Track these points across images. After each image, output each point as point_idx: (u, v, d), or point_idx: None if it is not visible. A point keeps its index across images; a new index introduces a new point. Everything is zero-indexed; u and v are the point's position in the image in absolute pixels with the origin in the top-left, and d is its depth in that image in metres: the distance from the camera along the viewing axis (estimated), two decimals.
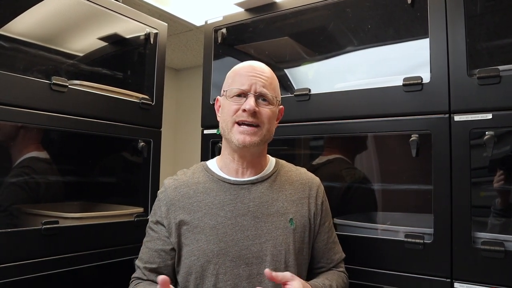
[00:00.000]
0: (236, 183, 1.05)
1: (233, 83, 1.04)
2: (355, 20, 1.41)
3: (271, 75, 1.08)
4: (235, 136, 1.01)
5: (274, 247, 1.00)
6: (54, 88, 1.28)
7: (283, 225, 1.02)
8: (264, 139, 1.03)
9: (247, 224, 1.01)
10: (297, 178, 1.11)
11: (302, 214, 1.06)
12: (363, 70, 1.41)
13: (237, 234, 1.00)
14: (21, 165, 1.41)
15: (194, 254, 0.99)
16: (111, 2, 1.51)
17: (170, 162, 3.21)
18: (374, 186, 1.47)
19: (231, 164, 1.07)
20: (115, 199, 1.67)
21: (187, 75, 3.44)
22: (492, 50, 1.23)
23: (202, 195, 1.04)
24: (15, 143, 1.40)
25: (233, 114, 1.02)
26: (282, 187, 1.08)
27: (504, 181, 1.14)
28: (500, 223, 1.17)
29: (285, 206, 1.05)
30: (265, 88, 1.03)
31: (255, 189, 1.05)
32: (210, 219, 1.01)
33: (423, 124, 1.14)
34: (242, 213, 1.02)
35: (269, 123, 1.04)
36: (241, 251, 0.99)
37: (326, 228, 1.10)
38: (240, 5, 1.55)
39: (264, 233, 1.01)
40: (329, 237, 1.11)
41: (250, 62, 1.08)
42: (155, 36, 1.66)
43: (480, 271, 1.03)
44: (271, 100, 1.04)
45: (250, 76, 1.03)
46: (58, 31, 1.50)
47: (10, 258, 1.15)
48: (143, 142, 1.58)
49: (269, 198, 1.04)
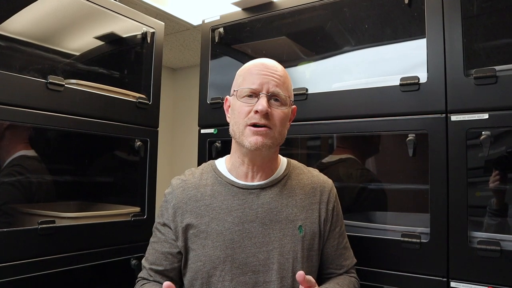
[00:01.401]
0: (245, 187, 1.02)
1: (243, 82, 0.99)
2: (352, 20, 1.41)
3: (284, 73, 1.02)
4: (248, 139, 0.96)
5: (281, 255, 0.97)
6: (50, 87, 1.27)
7: (292, 232, 0.99)
8: (275, 142, 0.99)
9: (255, 231, 0.98)
10: (309, 182, 1.07)
11: (312, 220, 1.02)
12: (360, 70, 1.41)
13: (244, 241, 0.97)
14: (14, 163, 1.40)
15: (201, 260, 0.98)
16: (108, 1, 1.51)
17: (167, 162, 3.20)
18: (371, 185, 1.48)
19: (240, 167, 1.03)
20: (112, 199, 1.66)
21: (184, 74, 3.44)
22: (488, 50, 1.23)
23: (210, 198, 1.01)
24: (6, 142, 1.39)
25: (244, 116, 0.97)
26: (292, 191, 1.04)
27: (500, 181, 1.15)
28: (495, 222, 1.18)
29: (294, 212, 1.01)
30: (278, 87, 0.97)
31: (264, 194, 1.01)
32: (217, 224, 0.98)
33: (419, 124, 1.15)
34: (250, 219, 0.98)
35: (281, 126, 0.99)
36: (248, 258, 0.96)
37: (336, 233, 1.07)
38: (237, 4, 1.54)
39: (272, 241, 0.98)
40: (339, 242, 1.07)
41: (262, 60, 1.02)
42: (152, 35, 1.66)
43: (476, 270, 1.03)
44: (284, 100, 0.99)
45: (262, 75, 0.97)
46: (54, 30, 1.49)
47: (6, 258, 1.14)
48: (140, 141, 1.57)
49: (278, 204, 1.01)
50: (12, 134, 1.41)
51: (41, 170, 1.51)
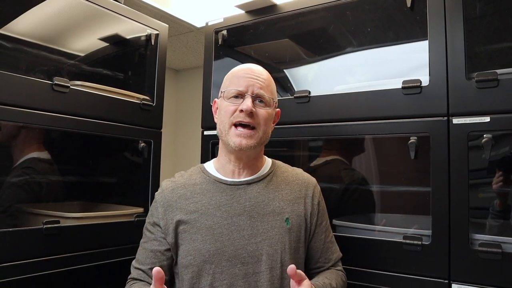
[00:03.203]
0: (232, 183, 1.07)
1: (230, 84, 1.06)
2: (355, 22, 1.42)
3: (268, 77, 1.09)
4: (232, 139, 1.02)
5: (270, 246, 1.01)
6: (56, 88, 1.29)
7: (279, 224, 1.03)
8: (260, 141, 1.05)
9: (243, 223, 1.02)
10: (293, 178, 1.12)
11: (298, 213, 1.07)
12: (363, 73, 1.42)
13: (233, 233, 1.01)
14: (23, 165, 1.42)
15: (191, 254, 1.01)
16: (113, 3, 1.52)
17: (170, 163, 3.21)
18: (373, 187, 1.48)
19: (227, 165, 1.08)
20: (116, 199, 1.67)
21: (188, 75, 3.45)
22: (490, 54, 1.24)
23: (199, 196, 1.06)
24: (16, 143, 1.41)
25: (230, 115, 1.03)
26: (278, 187, 1.09)
27: (503, 183, 1.15)
28: (498, 224, 1.18)
29: (281, 205, 1.06)
30: (262, 89, 1.04)
31: (251, 189, 1.06)
32: (207, 219, 1.02)
33: (421, 127, 1.15)
34: (238, 213, 1.03)
35: (265, 125, 1.05)
36: (237, 250, 1.00)
37: (323, 228, 1.11)
38: (240, 7, 1.55)
39: (260, 233, 1.02)
40: (326, 236, 1.12)
41: (248, 65, 1.10)
42: (156, 37, 1.67)
43: (477, 272, 1.04)
44: (268, 101, 1.06)
45: (248, 78, 1.04)
46: (59, 31, 1.50)
47: (11, 257, 1.16)
48: (144, 142, 1.59)
49: (265, 198, 1.05)
50: (26, 135, 1.42)
51: (49, 171, 1.53)
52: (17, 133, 1.41)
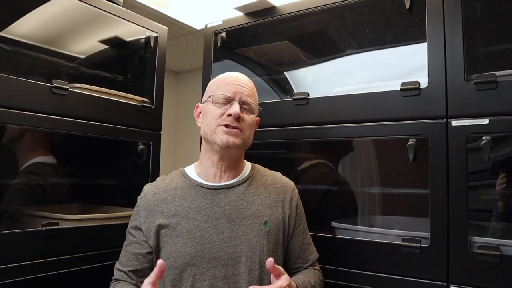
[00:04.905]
0: (213, 187, 1.09)
1: (218, 89, 1.09)
2: (353, 24, 1.42)
3: (253, 86, 1.15)
4: (219, 136, 1.05)
5: (249, 249, 1.03)
6: (55, 91, 1.29)
7: (258, 227, 1.06)
8: (244, 143, 1.09)
9: (223, 227, 1.04)
10: (272, 182, 1.15)
11: (276, 216, 1.10)
12: (361, 75, 1.42)
13: (213, 236, 1.03)
14: (27, 170, 1.42)
15: (172, 256, 1.03)
16: (112, 6, 1.52)
17: (170, 165, 3.22)
18: (373, 189, 1.48)
19: (210, 168, 1.11)
20: (115, 201, 1.67)
21: (187, 77, 3.45)
22: (489, 56, 1.24)
23: (180, 200, 1.08)
24: (21, 148, 1.41)
25: (218, 118, 1.06)
26: (257, 190, 1.11)
27: (507, 184, 1.14)
28: (502, 226, 1.17)
29: (259, 209, 1.08)
30: (248, 97, 1.09)
31: (231, 193, 1.09)
32: (188, 222, 1.05)
33: (420, 129, 1.15)
34: (218, 216, 1.05)
35: (249, 130, 1.10)
36: (217, 253, 1.02)
37: (301, 230, 1.15)
38: (240, 9, 1.56)
39: (239, 235, 1.04)
40: (304, 238, 1.15)
41: (234, 73, 1.15)
42: (155, 40, 1.67)
43: (476, 275, 1.04)
44: (253, 109, 1.11)
45: (236, 85, 1.09)
46: (59, 34, 1.51)
47: (10, 259, 1.16)
48: (143, 144, 1.59)
49: (244, 202, 1.08)
50: (30, 139, 1.43)
51: (52, 175, 1.54)
52: (21, 137, 1.42)
